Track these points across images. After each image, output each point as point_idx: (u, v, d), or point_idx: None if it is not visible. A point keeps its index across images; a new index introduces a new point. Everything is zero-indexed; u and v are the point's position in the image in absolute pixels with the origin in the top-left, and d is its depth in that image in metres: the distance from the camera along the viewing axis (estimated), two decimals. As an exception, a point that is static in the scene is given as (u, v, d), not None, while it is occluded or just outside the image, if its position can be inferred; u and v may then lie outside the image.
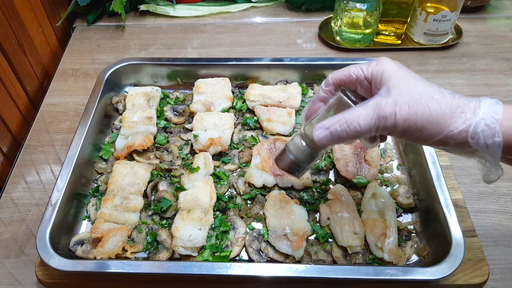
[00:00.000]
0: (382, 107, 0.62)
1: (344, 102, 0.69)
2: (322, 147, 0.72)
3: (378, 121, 0.62)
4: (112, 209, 0.93)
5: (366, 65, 0.68)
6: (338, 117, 0.64)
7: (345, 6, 1.36)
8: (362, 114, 0.62)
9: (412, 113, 0.60)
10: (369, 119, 0.62)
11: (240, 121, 1.17)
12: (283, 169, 0.80)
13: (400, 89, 0.62)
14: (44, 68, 1.44)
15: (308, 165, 0.77)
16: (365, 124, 0.62)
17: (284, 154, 0.78)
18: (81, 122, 1.07)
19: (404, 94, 0.61)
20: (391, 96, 0.62)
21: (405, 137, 0.64)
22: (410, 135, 0.63)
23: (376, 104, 0.62)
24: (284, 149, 0.78)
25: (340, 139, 0.65)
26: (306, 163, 0.77)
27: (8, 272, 0.93)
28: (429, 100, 0.61)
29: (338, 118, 0.64)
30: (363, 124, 0.62)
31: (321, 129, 0.66)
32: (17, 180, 1.11)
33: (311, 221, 0.95)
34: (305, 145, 0.74)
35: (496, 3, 1.66)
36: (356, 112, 0.63)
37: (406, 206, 0.97)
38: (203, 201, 0.94)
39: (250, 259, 0.90)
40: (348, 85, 0.71)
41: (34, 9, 1.38)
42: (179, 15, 1.63)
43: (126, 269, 0.82)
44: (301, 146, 0.75)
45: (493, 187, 1.06)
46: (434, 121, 0.61)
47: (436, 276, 0.79)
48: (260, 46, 1.51)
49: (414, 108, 0.60)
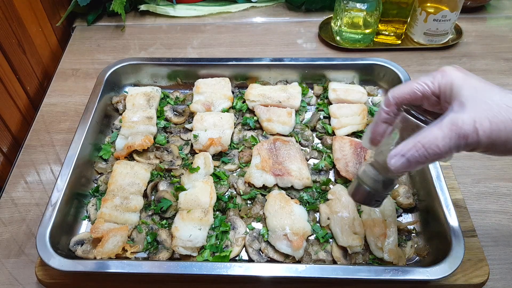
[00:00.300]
0: (460, 125, 0.57)
1: (411, 123, 0.65)
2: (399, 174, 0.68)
3: (458, 141, 0.57)
4: (112, 209, 0.93)
5: (430, 78, 0.64)
6: (413, 142, 0.60)
7: (345, 6, 1.36)
8: (440, 135, 0.58)
9: (494, 127, 0.56)
10: (448, 139, 0.58)
11: (240, 121, 1.17)
12: (361, 203, 0.77)
13: (475, 102, 0.58)
14: (44, 68, 1.44)
15: (386, 194, 0.73)
16: (444, 145, 0.58)
17: (359, 188, 0.74)
18: (81, 122, 1.07)
19: (481, 107, 0.57)
20: (466, 111, 0.57)
21: (490, 152, 0.60)
22: (495, 150, 0.59)
23: (452, 122, 0.58)
24: (358, 182, 0.74)
25: (419, 164, 0.61)
26: (384, 192, 0.72)
27: (8, 272, 0.93)
28: (509, 110, 0.56)
29: (412, 142, 0.60)
30: (442, 145, 0.58)
31: (396, 157, 0.61)
32: (17, 180, 1.11)
33: (311, 221, 0.95)
34: (378, 174, 0.70)
35: (496, 3, 1.66)
36: (432, 133, 0.59)
37: (406, 206, 0.97)
38: (203, 201, 0.94)
39: (250, 259, 0.90)
40: (412, 102, 0.66)
41: (34, 9, 1.38)
42: (179, 15, 1.63)
43: (126, 269, 0.82)
44: (374, 176, 0.70)
45: (493, 187, 1.06)
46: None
47: (436, 276, 0.79)
48: (260, 46, 1.51)
49: (496, 122, 0.56)
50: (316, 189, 1.02)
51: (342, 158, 1.04)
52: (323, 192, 1.01)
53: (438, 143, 0.58)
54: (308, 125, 1.16)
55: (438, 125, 0.59)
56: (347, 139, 1.08)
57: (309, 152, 1.10)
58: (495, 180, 1.08)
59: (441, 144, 0.58)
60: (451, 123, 0.58)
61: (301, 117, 1.19)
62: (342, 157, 1.04)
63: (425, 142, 0.59)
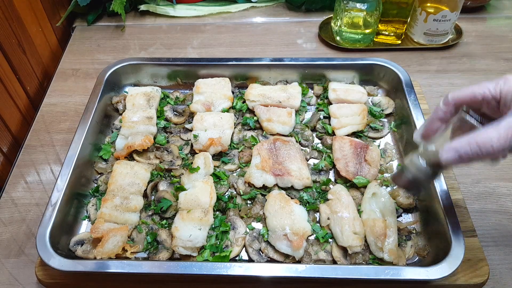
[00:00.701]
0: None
1: (467, 123, 0.70)
2: (445, 167, 0.73)
3: None
4: (112, 209, 0.93)
5: (493, 84, 0.67)
6: (467, 139, 0.64)
7: (345, 6, 1.36)
8: (495, 136, 0.62)
9: None
10: (503, 140, 0.61)
11: (240, 121, 1.17)
12: (403, 187, 0.84)
13: None
14: (44, 68, 1.44)
15: (429, 184, 0.79)
16: (499, 146, 0.61)
17: (403, 174, 0.79)
18: (81, 122, 1.07)
19: None
20: None
21: None
22: None
23: (510, 126, 0.62)
24: (402, 169, 0.79)
25: (469, 160, 0.65)
26: (427, 182, 0.78)
27: (8, 272, 0.93)
28: None
29: (467, 140, 0.64)
30: (496, 145, 0.62)
31: (450, 152, 0.66)
32: (17, 180, 1.11)
33: (311, 221, 0.95)
34: (425, 165, 0.75)
35: (496, 3, 1.66)
36: (487, 133, 0.63)
37: (406, 206, 0.97)
38: (203, 201, 0.94)
39: (250, 259, 0.90)
40: (471, 105, 0.70)
41: (34, 9, 1.38)
42: (179, 15, 1.63)
43: (126, 269, 0.82)
44: (420, 166, 0.75)
45: (493, 187, 1.06)
46: None
47: (436, 276, 0.79)
48: (260, 46, 1.51)
49: None
50: (316, 189, 1.02)
51: (342, 158, 1.04)
52: (323, 192, 1.01)
53: (493, 143, 0.62)
54: (308, 125, 1.16)
55: (495, 126, 0.63)
56: (347, 139, 1.08)
57: (309, 152, 1.10)
58: (495, 180, 1.08)
59: (496, 144, 0.61)
60: (508, 126, 0.61)
61: (301, 117, 1.19)
62: (342, 157, 1.04)
63: (479, 140, 0.63)
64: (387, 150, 1.10)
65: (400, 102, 1.15)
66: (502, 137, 0.61)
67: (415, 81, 1.24)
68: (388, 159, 1.08)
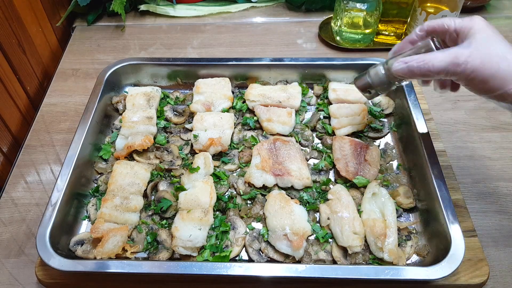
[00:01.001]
0: (458, 55, 0.71)
1: (429, 47, 0.79)
2: (397, 78, 0.84)
3: (450, 66, 0.71)
4: (112, 209, 0.93)
5: (460, 20, 0.76)
6: (418, 56, 0.75)
7: (345, 6, 1.36)
8: (439, 58, 0.72)
9: (481, 66, 0.69)
10: (443, 63, 0.71)
11: (240, 121, 1.17)
12: (358, 87, 0.96)
13: (480, 44, 0.70)
14: (44, 68, 1.44)
15: (379, 91, 0.93)
16: (438, 66, 0.72)
17: (363, 76, 0.94)
18: (81, 122, 1.07)
19: (482, 49, 0.70)
20: (470, 48, 0.71)
21: (470, 86, 0.74)
22: (474, 85, 0.73)
23: (455, 52, 0.72)
24: (365, 72, 0.93)
25: (413, 75, 0.76)
26: (379, 89, 0.92)
27: (8, 272, 0.93)
28: (502, 59, 0.69)
29: (417, 56, 0.75)
30: (437, 65, 0.72)
31: (400, 62, 0.77)
32: (17, 180, 1.11)
33: (311, 221, 0.95)
34: (384, 74, 0.88)
35: (496, 3, 1.66)
36: (435, 55, 0.73)
37: (406, 206, 0.97)
38: (203, 201, 0.94)
39: (250, 259, 0.90)
40: (439, 34, 0.80)
41: (34, 9, 1.38)
42: (179, 15, 1.63)
43: (126, 269, 0.82)
44: (379, 73, 0.89)
45: (493, 187, 1.06)
46: (499, 77, 0.69)
47: (436, 276, 0.79)
48: (260, 46, 1.51)
49: (485, 63, 0.69)
50: (316, 189, 1.02)
51: (342, 158, 1.04)
52: (323, 192, 1.01)
53: (435, 62, 0.73)
54: (308, 125, 1.16)
55: (443, 51, 0.74)
56: (347, 139, 1.08)
57: (309, 152, 1.10)
58: (495, 180, 1.08)
59: (437, 64, 0.72)
60: (454, 52, 0.72)
61: (301, 117, 1.19)
62: (342, 157, 1.04)
63: (426, 58, 0.74)
64: (387, 150, 1.10)
65: (400, 102, 1.15)
66: (444, 60, 0.72)
67: (415, 81, 1.24)
68: (388, 159, 1.08)
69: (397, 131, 1.15)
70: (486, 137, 1.18)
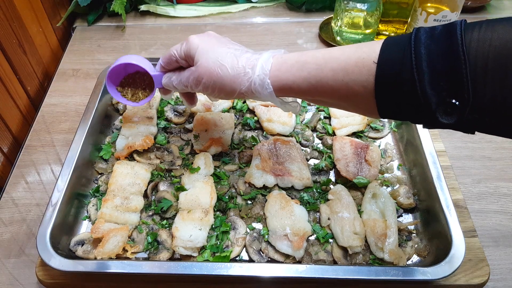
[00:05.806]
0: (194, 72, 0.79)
1: None
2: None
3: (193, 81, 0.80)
4: (113, 209, 0.93)
5: (177, 47, 0.82)
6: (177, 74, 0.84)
7: (345, 6, 1.36)
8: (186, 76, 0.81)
9: (209, 79, 0.77)
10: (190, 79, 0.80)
11: (241, 121, 1.17)
12: None
13: (203, 60, 0.77)
14: (44, 68, 1.44)
15: None
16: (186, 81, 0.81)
17: None
18: (81, 123, 1.07)
19: (204, 64, 0.77)
20: (198, 67, 0.78)
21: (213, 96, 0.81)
22: (215, 95, 0.80)
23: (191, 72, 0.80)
24: None
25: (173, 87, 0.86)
26: None
27: (9, 272, 0.93)
28: (221, 66, 0.75)
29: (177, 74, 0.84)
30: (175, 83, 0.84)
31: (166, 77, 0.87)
32: (17, 180, 1.11)
33: (312, 221, 0.95)
34: None
35: (496, 3, 1.66)
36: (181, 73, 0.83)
37: (407, 206, 0.97)
38: (203, 201, 0.94)
39: (251, 259, 0.90)
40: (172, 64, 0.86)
41: (35, 9, 1.38)
42: (179, 15, 1.63)
43: (126, 269, 0.82)
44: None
45: (493, 188, 1.06)
46: (227, 82, 0.75)
47: (436, 277, 0.79)
48: (261, 46, 1.51)
49: (210, 75, 0.76)
50: (316, 189, 1.02)
51: (342, 158, 1.04)
52: (323, 192, 1.01)
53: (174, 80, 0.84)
54: (308, 125, 1.16)
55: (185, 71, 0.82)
56: (348, 139, 1.08)
57: (310, 152, 1.10)
58: (496, 180, 1.08)
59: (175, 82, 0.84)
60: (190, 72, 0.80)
61: (302, 117, 1.19)
62: (342, 157, 1.04)
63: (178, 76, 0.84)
64: (388, 150, 1.10)
65: (401, 102, 1.15)
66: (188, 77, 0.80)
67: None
68: (388, 159, 1.08)
69: (397, 131, 1.15)
70: (486, 137, 1.18)
